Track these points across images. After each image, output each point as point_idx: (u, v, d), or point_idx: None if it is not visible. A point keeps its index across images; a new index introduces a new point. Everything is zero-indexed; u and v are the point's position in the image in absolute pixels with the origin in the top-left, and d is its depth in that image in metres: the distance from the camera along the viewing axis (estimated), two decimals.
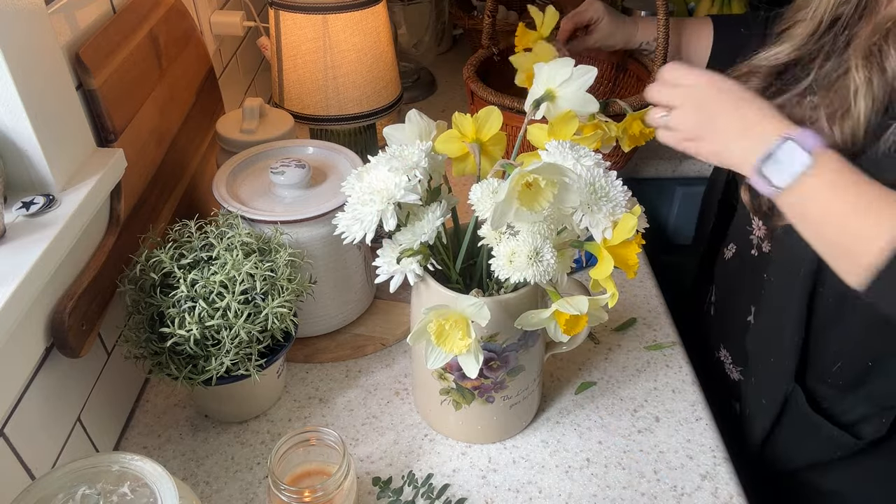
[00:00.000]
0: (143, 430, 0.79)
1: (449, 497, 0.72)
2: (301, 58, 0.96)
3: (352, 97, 0.99)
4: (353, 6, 0.93)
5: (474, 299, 0.58)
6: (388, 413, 0.81)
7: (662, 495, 0.72)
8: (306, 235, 0.79)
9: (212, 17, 1.11)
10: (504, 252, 0.59)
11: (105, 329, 0.74)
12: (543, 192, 0.54)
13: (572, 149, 0.59)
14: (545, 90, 0.64)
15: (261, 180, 0.84)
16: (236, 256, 0.70)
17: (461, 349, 0.58)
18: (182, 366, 0.69)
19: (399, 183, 0.60)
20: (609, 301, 0.60)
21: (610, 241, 0.58)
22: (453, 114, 0.67)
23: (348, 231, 0.63)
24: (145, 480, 0.52)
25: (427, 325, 0.58)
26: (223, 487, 0.73)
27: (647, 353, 0.88)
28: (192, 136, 0.94)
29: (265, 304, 0.70)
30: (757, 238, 0.85)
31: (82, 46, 0.68)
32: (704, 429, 0.78)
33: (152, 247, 0.72)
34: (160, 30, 0.84)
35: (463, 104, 1.40)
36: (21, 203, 0.62)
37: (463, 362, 0.60)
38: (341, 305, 0.87)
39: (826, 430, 0.78)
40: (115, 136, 0.72)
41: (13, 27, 0.57)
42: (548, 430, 0.79)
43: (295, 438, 0.66)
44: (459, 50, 1.69)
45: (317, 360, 0.87)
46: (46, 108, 0.62)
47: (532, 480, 0.73)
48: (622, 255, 0.58)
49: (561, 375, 0.85)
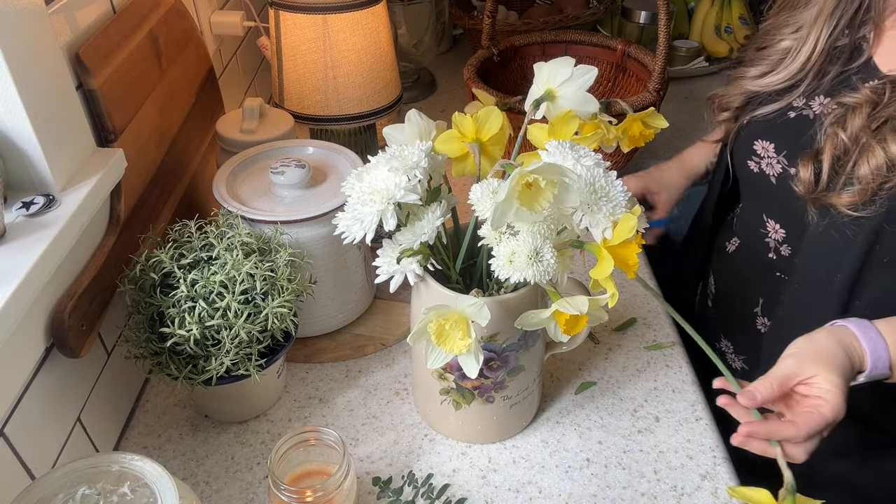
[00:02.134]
0: (143, 430, 0.79)
1: (449, 497, 0.72)
2: (301, 58, 0.96)
3: (352, 97, 0.99)
4: (353, 6, 0.93)
5: (474, 299, 0.58)
6: (388, 413, 0.81)
7: (662, 495, 0.72)
8: (306, 235, 0.79)
9: (212, 17, 1.11)
10: (504, 252, 0.59)
11: (105, 329, 0.74)
12: (543, 192, 0.54)
13: (572, 149, 0.59)
14: (545, 90, 0.64)
15: (261, 180, 0.84)
16: (236, 256, 0.70)
17: (461, 349, 0.58)
18: (182, 366, 0.69)
19: (399, 183, 0.60)
20: (609, 301, 0.60)
21: (610, 241, 0.58)
22: (453, 114, 0.67)
23: (348, 231, 0.63)
24: (145, 480, 0.52)
25: (427, 325, 0.58)
26: (223, 487, 0.73)
27: (647, 353, 0.88)
28: (192, 136, 0.94)
29: (265, 304, 0.70)
30: (774, 241, 0.85)
31: (82, 46, 0.68)
32: (704, 429, 0.78)
33: (152, 247, 0.72)
34: (160, 30, 0.84)
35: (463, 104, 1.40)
36: (21, 203, 0.62)
37: (463, 362, 0.60)
38: (341, 305, 0.87)
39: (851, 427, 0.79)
40: (115, 136, 0.72)
41: (13, 27, 0.57)
42: (548, 430, 0.79)
43: (295, 438, 0.66)
44: (459, 50, 1.69)
45: (317, 360, 0.87)
46: (46, 108, 0.62)
47: (532, 480, 0.73)
48: (622, 255, 0.58)
49: (561, 375, 0.85)
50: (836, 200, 0.73)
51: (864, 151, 0.71)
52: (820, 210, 0.76)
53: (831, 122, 0.74)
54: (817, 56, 0.78)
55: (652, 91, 1.03)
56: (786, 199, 0.80)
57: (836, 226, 0.74)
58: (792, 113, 0.80)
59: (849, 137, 0.72)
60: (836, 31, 0.77)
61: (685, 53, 1.54)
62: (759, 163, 0.84)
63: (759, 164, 0.84)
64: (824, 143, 0.74)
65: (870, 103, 0.72)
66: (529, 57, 1.26)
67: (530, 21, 1.41)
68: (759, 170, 0.84)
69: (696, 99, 1.46)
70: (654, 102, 1.02)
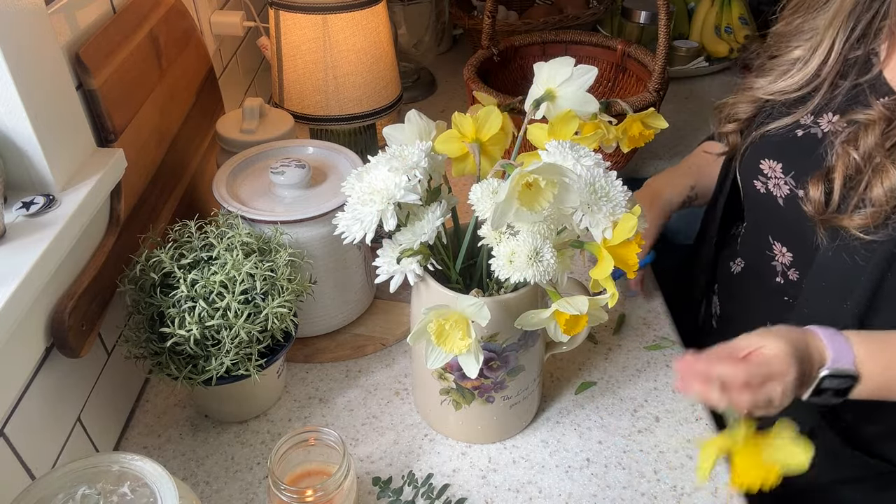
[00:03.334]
0: (143, 430, 0.79)
1: (449, 497, 0.72)
2: (301, 58, 0.96)
3: (352, 97, 0.99)
4: (353, 6, 0.93)
5: (474, 299, 0.58)
6: (388, 413, 0.81)
7: (662, 495, 0.72)
8: (306, 235, 0.79)
9: (212, 17, 1.11)
10: (504, 252, 0.59)
11: (105, 329, 0.74)
12: (543, 192, 0.54)
13: (572, 149, 0.59)
14: (545, 90, 0.64)
15: (261, 180, 0.84)
16: (236, 256, 0.70)
17: (461, 349, 0.58)
18: (182, 366, 0.69)
19: (399, 183, 0.60)
20: (609, 301, 0.60)
21: (610, 241, 0.58)
22: (453, 114, 0.67)
23: (348, 231, 0.63)
24: (145, 480, 0.52)
25: (427, 325, 0.58)
26: (223, 487, 0.73)
27: (647, 353, 0.88)
28: (192, 136, 0.94)
29: (265, 304, 0.70)
30: (781, 265, 0.83)
31: (82, 46, 0.68)
32: (704, 429, 0.78)
33: (152, 247, 0.72)
34: (160, 30, 0.84)
35: (463, 104, 1.40)
36: (21, 203, 0.62)
37: (463, 362, 0.60)
38: (341, 305, 0.87)
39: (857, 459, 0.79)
40: (115, 136, 0.72)
41: (13, 27, 0.57)
42: (548, 430, 0.79)
43: (295, 438, 0.66)
44: (459, 50, 1.69)
45: (317, 360, 0.87)
46: (46, 108, 0.62)
47: (532, 480, 0.73)
48: (622, 255, 0.58)
49: (561, 375, 0.85)
50: (848, 223, 0.70)
51: (878, 172, 0.68)
52: (830, 232, 0.73)
53: (842, 140, 0.72)
54: (832, 64, 0.75)
55: (652, 91, 1.03)
56: (794, 220, 0.77)
57: (847, 249, 0.71)
58: (800, 131, 0.78)
59: (861, 157, 0.69)
60: (851, 37, 0.75)
61: (685, 53, 1.54)
62: (766, 183, 0.81)
63: (767, 185, 0.81)
64: (835, 163, 0.71)
65: (883, 120, 0.69)
66: (529, 57, 1.26)
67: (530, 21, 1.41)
68: (766, 190, 0.81)
69: (696, 99, 1.46)
70: (654, 102, 1.02)
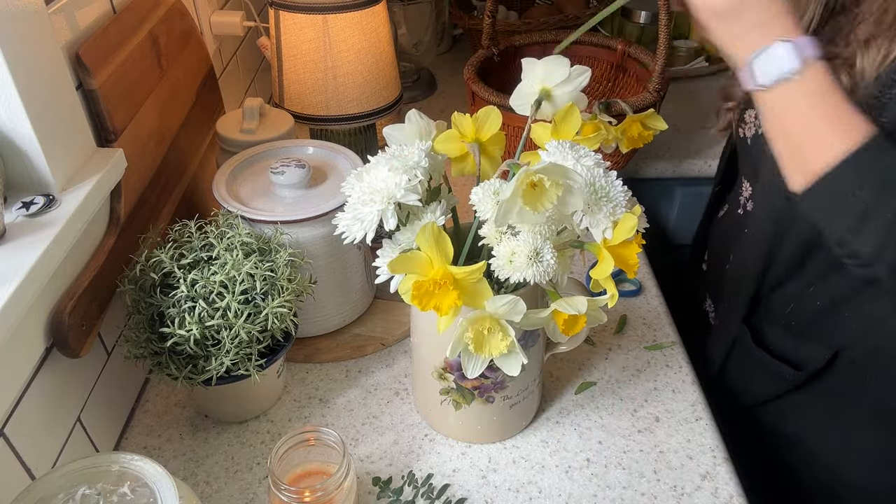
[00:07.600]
0: (143, 430, 0.79)
1: (449, 497, 0.72)
2: (301, 58, 0.96)
3: (352, 97, 0.99)
4: (353, 6, 0.93)
5: (508, 297, 0.56)
6: (388, 413, 0.81)
7: (662, 495, 0.72)
8: (306, 235, 0.79)
9: (212, 17, 1.11)
10: (504, 252, 0.59)
11: (105, 329, 0.74)
12: (548, 192, 0.54)
13: (572, 148, 0.59)
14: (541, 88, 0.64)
15: (261, 180, 0.84)
16: (236, 256, 0.70)
17: (502, 349, 0.58)
18: (182, 366, 0.69)
19: (399, 183, 0.60)
20: (609, 301, 0.60)
21: (610, 241, 0.58)
22: (453, 114, 0.67)
23: (348, 231, 0.63)
24: (145, 480, 0.52)
25: (464, 335, 0.57)
26: (223, 487, 0.73)
27: (647, 353, 0.88)
28: (192, 136, 0.94)
29: (265, 304, 0.70)
30: (744, 198, 0.88)
31: (82, 46, 0.68)
32: (704, 429, 0.78)
33: (152, 247, 0.72)
34: (160, 30, 0.84)
35: (463, 104, 1.40)
36: (21, 203, 0.62)
37: (503, 363, 0.59)
38: (341, 305, 0.87)
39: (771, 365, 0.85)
40: (116, 136, 0.72)
41: (13, 27, 0.57)
42: (548, 430, 0.79)
43: (295, 438, 0.66)
44: (459, 50, 1.69)
45: (317, 360, 0.87)
46: (46, 108, 0.62)
47: (532, 480, 0.73)
48: (622, 255, 0.58)
49: (561, 375, 0.85)
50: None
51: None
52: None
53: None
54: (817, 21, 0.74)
55: (652, 91, 1.03)
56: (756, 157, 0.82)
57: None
58: None
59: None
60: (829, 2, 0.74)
61: (685, 53, 1.54)
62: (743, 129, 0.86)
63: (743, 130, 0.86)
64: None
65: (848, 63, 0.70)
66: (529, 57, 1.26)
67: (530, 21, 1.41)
68: (743, 135, 0.86)
69: (697, 99, 1.46)
70: (654, 102, 1.02)
